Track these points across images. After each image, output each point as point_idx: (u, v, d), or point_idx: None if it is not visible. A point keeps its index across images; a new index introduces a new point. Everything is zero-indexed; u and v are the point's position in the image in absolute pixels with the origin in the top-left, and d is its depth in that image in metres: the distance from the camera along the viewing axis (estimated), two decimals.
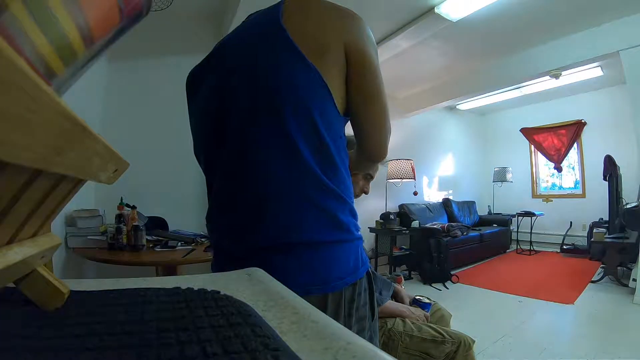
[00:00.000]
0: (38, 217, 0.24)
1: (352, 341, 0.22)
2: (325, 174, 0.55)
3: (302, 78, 0.54)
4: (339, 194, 0.56)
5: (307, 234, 0.53)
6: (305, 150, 0.53)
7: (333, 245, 0.55)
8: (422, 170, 4.82)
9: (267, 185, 0.54)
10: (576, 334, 2.21)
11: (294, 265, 0.53)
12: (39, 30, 0.17)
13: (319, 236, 0.53)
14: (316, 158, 0.54)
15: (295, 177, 0.53)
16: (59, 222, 1.79)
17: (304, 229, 0.53)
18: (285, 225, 0.53)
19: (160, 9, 2.12)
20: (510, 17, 2.76)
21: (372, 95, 0.59)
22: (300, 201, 0.53)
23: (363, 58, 0.58)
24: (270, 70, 0.55)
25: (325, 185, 0.54)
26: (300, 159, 0.53)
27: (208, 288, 0.34)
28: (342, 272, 0.55)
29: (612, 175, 3.74)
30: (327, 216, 0.54)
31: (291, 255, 0.53)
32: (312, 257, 0.53)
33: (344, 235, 0.56)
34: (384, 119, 0.62)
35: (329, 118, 0.56)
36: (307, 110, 0.54)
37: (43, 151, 0.16)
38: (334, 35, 0.56)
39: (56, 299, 0.27)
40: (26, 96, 0.13)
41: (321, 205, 0.54)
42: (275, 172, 0.54)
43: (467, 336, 1.05)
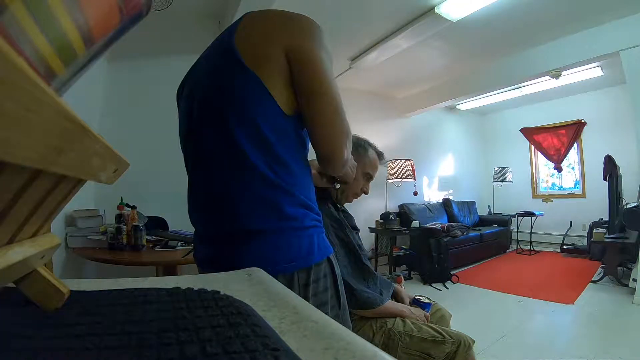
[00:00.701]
0: (38, 217, 0.24)
1: (352, 341, 0.22)
2: (273, 171, 0.61)
3: (243, 87, 0.60)
4: (285, 188, 0.61)
5: (257, 224, 0.60)
6: (252, 154, 0.60)
7: (280, 233, 0.61)
8: (422, 170, 4.81)
9: (222, 187, 0.63)
10: (576, 334, 2.21)
11: (246, 250, 0.60)
12: (39, 30, 0.17)
13: (266, 226, 0.60)
14: (264, 158, 0.60)
15: (245, 179, 0.61)
16: (59, 222, 1.79)
17: (253, 221, 0.61)
18: (239, 219, 0.61)
19: (160, 9, 2.12)
20: (510, 17, 2.76)
21: (313, 91, 0.61)
22: (250, 198, 0.61)
23: (301, 56, 0.60)
24: (216, 82, 0.63)
25: (272, 182, 0.60)
26: (247, 162, 0.60)
27: (208, 288, 0.34)
28: (291, 256, 0.61)
29: (612, 175, 3.74)
30: (274, 209, 0.61)
31: (245, 241, 0.61)
32: (261, 243, 0.60)
33: (290, 224, 0.62)
34: (331, 118, 0.62)
35: (272, 119, 0.60)
36: (249, 115, 0.60)
37: (43, 151, 0.16)
38: (274, 44, 0.60)
39: (56, 299, 0.27)
40: (26, 96, 0.13)
41: (269, 199, 0.61)
42: (228, 176, 0.62)
43: (467, 336, 1.04)
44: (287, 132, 0.62)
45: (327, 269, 0.66)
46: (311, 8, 2.58)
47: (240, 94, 0.60)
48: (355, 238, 1.10)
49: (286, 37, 0.60)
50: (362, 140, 1.20)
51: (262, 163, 0.60)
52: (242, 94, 0.60)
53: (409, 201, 4.48)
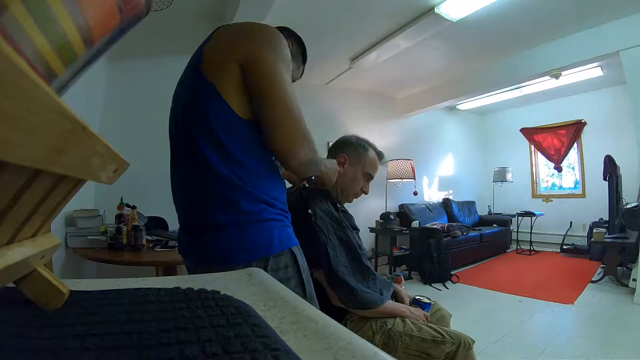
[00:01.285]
0: (38, 217, 0.24)
1: (352, 341, 0.22)
2: (232, 171, 0.67)
3: (202, 96, 0.67)
4: (243, 187, 0.67)
5: (220, 219, 0.68)
6: (211, 157, 0.66)
7: (239, 226, 0.67)
8: (422, 170, 4.81)
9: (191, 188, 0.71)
10: (576, 334, 2.21)
11: (213, 241, 0.68)
12: (39, 31, 0.17)
13: (228, 220, 0.67)
14: (223, 161, 0.67)
15: (207, 180, 0.68)
16: (59, 222, 1.79)
17: (217, 216, 0.68)
18: (206, 215, 0.69)
19: (160, 9, 2.12)
20: (510, 17, 2.76)
21: (262, 94, 0.66)
22: (214, 196, 0.68)
23: (253, 64, 0.66)
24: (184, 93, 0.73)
25: (231, 182, 0.67)
26: (207, 164, 0.67)
27: (208, 288, 0.34)
28: (249, 247, 0.67)
29: (612, 175, 3.74)
30: (233, 205, 0.67)
31: (212, 233, 0.68)
32: (224, 235, 0.67)
33: (248, 217, 0.67)
34: (281, 119, 0.67)
35: (227, 123, 0.67)
36: (207, 122, 0.66)
37: (43, 151, 0.16)
38: (230, 54, 0.66)
39: (56, 299, 0.27)
40: (26, 96, 0.13)
41: (228, 197, 0.67)
42: (195, 178, 0.70)
43: (467, 336, 1.04)
44: (243, 135, 0.68)
45: (290, 260, 0.70)
46: (311, 8, 2.58)
47: (200, 103, 0.67)
48: (355, 238, 1.10)
49: (240, 47, 0.66)
50: (362, 140, 1.20)
51: (222, 165, 0.67)
52: (202, 103, 0.67)
53: (409, 201, 4.48)
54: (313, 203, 1.03)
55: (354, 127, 3.94)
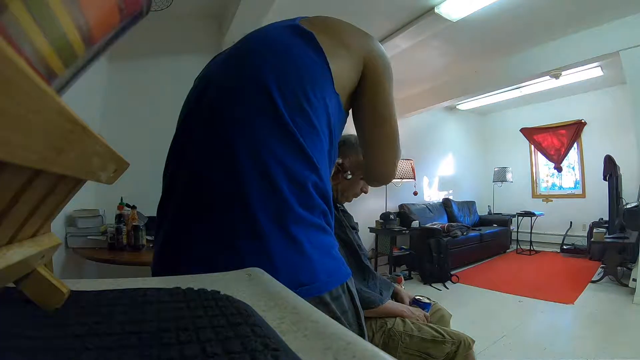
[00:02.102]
0: (38, 217, 0.24)
1: (352, 341, 0.22)
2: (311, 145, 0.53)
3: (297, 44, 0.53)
4: (315, 165, 0.54)
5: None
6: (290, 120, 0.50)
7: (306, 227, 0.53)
8: (422, 170, 4.82)
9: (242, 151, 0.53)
10: (576, 334, 2.21)
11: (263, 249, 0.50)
12: (39, 30, 0.17)
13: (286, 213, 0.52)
14: (302, 129, 0.51)
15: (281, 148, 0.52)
16: (59, 222, 1.79)
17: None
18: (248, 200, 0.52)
19: (160, 9, 2.12)
20: (510, 17, 2.76)
21: (383, 116, 0.61)
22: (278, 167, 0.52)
23: (378, 75, 0.59)
24: (270, 40, 0.55)
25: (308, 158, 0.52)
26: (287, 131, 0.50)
27: (208, 288, 0.34)
28: (324, 269, 0.51)
29: (612, 175, 3.74)
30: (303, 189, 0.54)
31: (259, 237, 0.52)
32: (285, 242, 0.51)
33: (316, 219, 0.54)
34: (392, 144, 0.64)
35: (322, 95, 0.53)
36: (299, 73, 0.51)
37: (43, 151, 0.16)
38: (355, 42, 0.57)
39: (56, 299, 0.27)
40: (26, 96, 0.13)
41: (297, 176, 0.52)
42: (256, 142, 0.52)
43: (467, 336, 1.05)
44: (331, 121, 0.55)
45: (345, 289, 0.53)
46: (311, 8, 2.58)
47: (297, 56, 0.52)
48: (355, 238, 1.10)
49: (368, 46, 0.58)
50: None
51: (298, 133, 0.50)
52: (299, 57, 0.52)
53: (409, 201, 4.48)
54: None
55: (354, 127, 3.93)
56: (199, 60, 0.70)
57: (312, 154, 0.49)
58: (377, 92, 0.59)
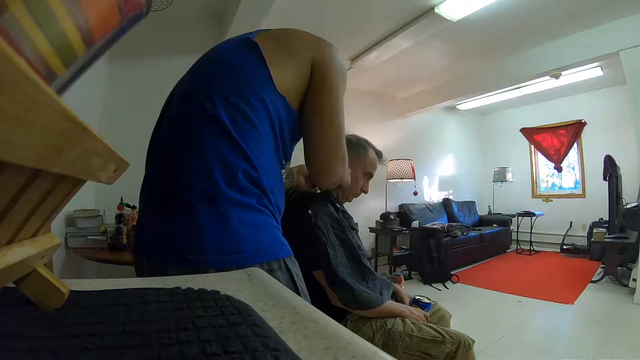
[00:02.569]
0: (38, 217, 0.24)
1: (352, 341, 0.22)
2: (242, 137, 0.59)
3: (241, 55, 0.61)
4: (243, 151, 0.60)
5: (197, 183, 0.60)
6: (224, 117, 0.58)
7: (226, 203, 0.60)
8: (422, 170, 4.81)
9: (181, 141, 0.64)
10: (576, 334, 2.21)
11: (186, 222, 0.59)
12: (39, 30, 0.17)
13: (207, 187, 0.60)
14: (235, 124, 0.58)
15: (207, 134, 0.60)
16: (59, 222, 1.79)
17: (195, 179, 0.61)
18: (184, 175, 0.62)
19: (160, 9, 2.12)
20: (510, 17, 2.76)
21: (322, 110, 0.63)
22: (203, 151, 0.60)
23: (324, 75, 0.63)
24: (220, 53, 0.65)
25: (235, 144, 0.60)
26: (216, 121, 0.59)
27: (208, 288, 0.34)
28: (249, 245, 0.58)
29: (612, 175, 3.74)
30: (226, 170, 0.60)
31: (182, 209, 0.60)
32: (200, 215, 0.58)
33: (240, 197, 0.60)
34: (331, 141, 0.64)
35: (261, 93, 0.59)
36: (239, 82, 0.59)
37: (43, 151, 0.16)
38: (299, 43, 0.64)
39: (56, 299, 0.27)
40: (26, 96, 0.13)
41: (221, 157, 0.60)
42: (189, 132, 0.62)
43: (467, 336, 1.04)
44: (274, 116, 0.61)
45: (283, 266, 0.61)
46: (311, 8, 2.58)
47: (241, 67, 0.61)
48: (354, 238, 1.10)
49: (315, 48, 0.64)
50: (362, 140, 1.20)
51: (232, 125, 0.58)
52: (243, 67, 0.60)
53: (409, 201, 4.48)
54: (313, 203, 1.03)
55: (354, 127, 3.93)
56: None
57: (245, 146, 0.57)
58: (321, 89, 0.63)
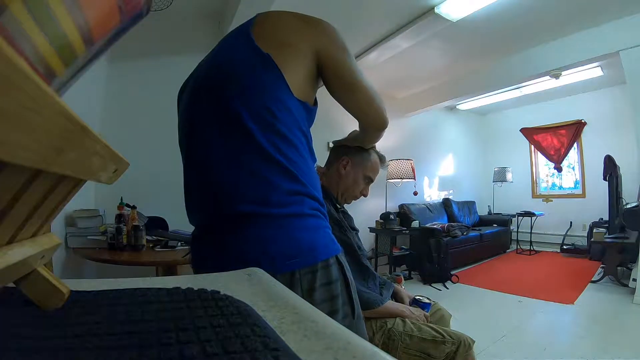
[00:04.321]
0: (38, 217, 0.24)
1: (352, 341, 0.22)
2: (279, 151, 0.59)
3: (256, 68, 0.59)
4: (287, 168, 0.60)
5: (248, 208, 0.57)
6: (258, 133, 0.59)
7: (273, 218, 0.58)
8: (422, 170, 4.81)
9: (224, 171, 0.61)
10: (576, 334, 2.21)
11: (237, 238, 0.58)
12: (39, 30, 0.17)
13: (260, 209, 0.57)
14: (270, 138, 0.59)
15: (249, 160, 0.59)
16: (59, 222, 1.79)
17: (246, 205, 0.58)
18: (232, 202, 0.59)
19: (160, 9, 2.12)
20: (510, 17, 2.76)
21: (350, 88, 0.68)
22: (252, 178, 0.59)
23: (335, 63, 0.65)
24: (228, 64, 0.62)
25: (277, 163, 0.59)
26: (253, 141, 0.59)
27: (208, 288, 0.34)
28: (293, 250, 0.57)
29: (612, 175, 3.74)
30: (273, 189, 0.59)
31: (235, 231, 0.58)
32: (252, 231, 0.57)
33: (288, 209, 0.59)
34: (370, 102, 0.70)
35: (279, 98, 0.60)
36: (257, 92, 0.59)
37: (43, 151, 0.16)
38: (297, 35, 0.63)
39: (56, 299, 0.27)
40: (26, 96, 0.13)
41: (270, 180, 0.59)
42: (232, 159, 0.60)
43: (467, 336, 1.05)
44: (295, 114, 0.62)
45: (338, 272, 0.61)
46: (311, 8, 2.58)
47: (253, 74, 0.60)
48: (354, 239, 1.10)
49: (315, 40, 0.64)
50: None
51: (267, 142, 0.58)
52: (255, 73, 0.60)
53: (409, 201, 4.48)
54: None
55: (354, 128, 3.93)
56: (199, 60, 0.70)
57: (294, 169, 0.59)
58: (336, 66, 0.65)
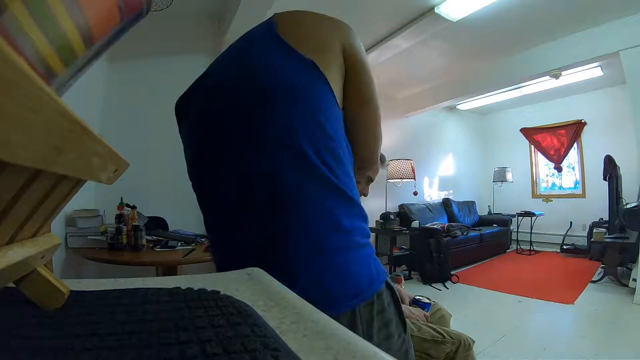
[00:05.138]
0: (38, 217, 0.24)
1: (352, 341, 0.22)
2: (341, 179, 0.54)
3: (301, 77, 0.52)
4: (350, 197, 0.54)
5: (324, 243, 0.52)
6: (319, 162, 0.52)
7: (342, 251, 0.52)
8: (422, 170, 4.81)
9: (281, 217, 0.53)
10: (576, 334, 2.21)
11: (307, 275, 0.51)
12: (39, 30, 0.17)
13: (334, 242, 0.52)
14: (332, 166, 0.53)
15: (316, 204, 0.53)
16: (59, 222, 1.79)
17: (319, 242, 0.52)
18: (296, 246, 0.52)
19: (160, 9, 2.12)
20: (510, 17, 2.76)
21: (368, 98, 0.61)
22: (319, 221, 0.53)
23: (361, 62, 0.59)
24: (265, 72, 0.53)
25: (343, 194, 0.53)
26: (321, 176, 0.52)
27: (208, 288, 0.34)
28: (355, 284, 0.52)
29: (612, 175, 3.74)
30: (338, 225, 0.53)
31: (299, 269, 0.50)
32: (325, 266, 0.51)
33: (351, 238, 0.54)
34: (375, 125, 0.64)
35: (330, 113, 0.54)
36: (309, 108, 0.52)
37: (43, 151, 0.16)
38: (331, 37, 0.57)
39: (56, 299, 0.27)
40: (26, 96, 0.13)
41: (335, 215, 0.53)
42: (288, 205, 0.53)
43: (467, 336, 1.04)
44: (341, 130, 0.57)
45: (389, 296, 0.57)
46: (311, 8, 2.57)
47: (298, 85, 0.52)
48: None
49: (342, 36, 0.58)
50: None
51: (331, 173, 0.53)
52: (301, 84, 0.52)
53: (409, 201, 4.48)
54: None
55: None
56: (199, 60, 0.70)
57: (349, 192, 0.54)
58: (359, 75, 0.59)
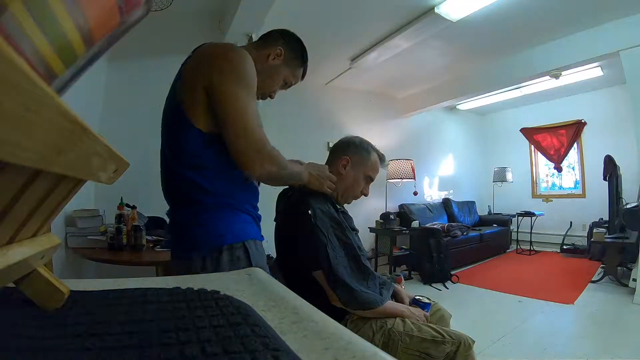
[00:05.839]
0: (38, 217, 0.24)
1: (352, 341, 0.22)
2: (200, 175, 0.82)
3: (172, 114, 0.82)
4: (205, 188, 0.82)
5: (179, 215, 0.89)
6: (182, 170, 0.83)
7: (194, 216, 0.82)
8: (422, 170, 4.81)
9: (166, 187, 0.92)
10: (576, 334, 2.20)
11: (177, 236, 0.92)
12: (39, 31, 0.17)
13: (185, 215, 0.86)
14: (190, 168, 0.81)
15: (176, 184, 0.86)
16: (59, 222, 1.79)
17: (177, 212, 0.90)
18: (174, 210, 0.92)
19: (160, 9, 2.12)
20: (510, 17, 2.76)
21: (222, 119, 0.76)
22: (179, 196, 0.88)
23: (213, 90, 0.75)
24: (166, 106, 0.87)
25: (197, 185, 0.82)
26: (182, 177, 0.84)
27: (208, 288, 0.34)
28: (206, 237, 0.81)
29: (612, 175, 3.74)
30: (194, 203, 0.83)
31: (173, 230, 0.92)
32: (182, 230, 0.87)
33: (205, 208, 0.82)
34: (235, 140, 0.75)
35: (191, 139, 0.79)
36: (175, 138, 0.81)
37: (43, 151, 0.16)
38: (198, 77, 0.77)
39: (56, 299, 0.27)
40: (26, 96, 0.13)
41: (192, 197, 0.84)
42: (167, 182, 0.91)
43: (467, 336, 1.04)
44: (206, 147, 0.80)
45: (243, 253, 0.80)
46: (311, 8, 2.58)
47: (170, 122, 0.83)
48: (354, 239, 1.10)
49: (206, 73, 0.75)
50: (365, 142, 1.20)
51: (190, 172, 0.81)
52: (170, 121, 0.83)
53: (409, 201, 4.48)
54: (313, 204, 1.03)
55: (354, 127, 3.94)
56: None
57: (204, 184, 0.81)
58: (216, 104, 0.76)
